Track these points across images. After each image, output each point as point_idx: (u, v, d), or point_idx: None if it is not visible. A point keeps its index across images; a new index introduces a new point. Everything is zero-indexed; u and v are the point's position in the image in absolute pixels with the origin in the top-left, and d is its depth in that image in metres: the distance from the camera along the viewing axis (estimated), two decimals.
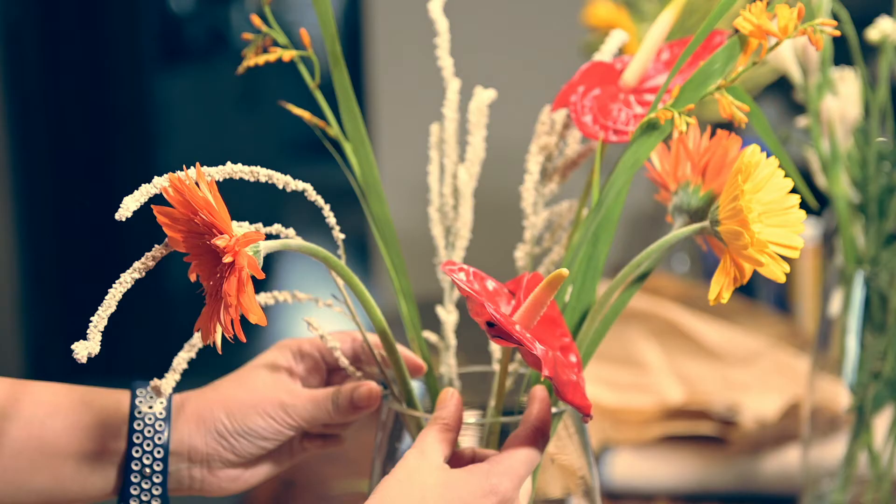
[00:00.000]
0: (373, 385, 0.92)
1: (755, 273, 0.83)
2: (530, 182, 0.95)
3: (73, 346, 0.76)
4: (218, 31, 5.81)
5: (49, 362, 4.09)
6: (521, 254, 0.96)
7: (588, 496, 0.91)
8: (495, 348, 0.96)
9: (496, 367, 0.95)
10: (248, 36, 0.94)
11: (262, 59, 0.94)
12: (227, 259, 0.74)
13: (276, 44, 0.94)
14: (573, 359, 0.83)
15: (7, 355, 4.06)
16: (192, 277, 0.80)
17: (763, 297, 1.81)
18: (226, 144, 5.14)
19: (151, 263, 0.80)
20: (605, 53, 0.98)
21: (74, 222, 4.28)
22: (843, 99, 1.15)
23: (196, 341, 0.92)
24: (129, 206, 0.76)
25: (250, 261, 0.75)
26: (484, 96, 0.96)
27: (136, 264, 0.80)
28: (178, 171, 0.77)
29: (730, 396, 1.57)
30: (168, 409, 0.91)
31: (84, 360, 0.77)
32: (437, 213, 0.96)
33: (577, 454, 0.91)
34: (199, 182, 0.76)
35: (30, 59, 4.20)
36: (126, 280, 0.79)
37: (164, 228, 0.78)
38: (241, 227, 0.79)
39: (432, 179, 0.96)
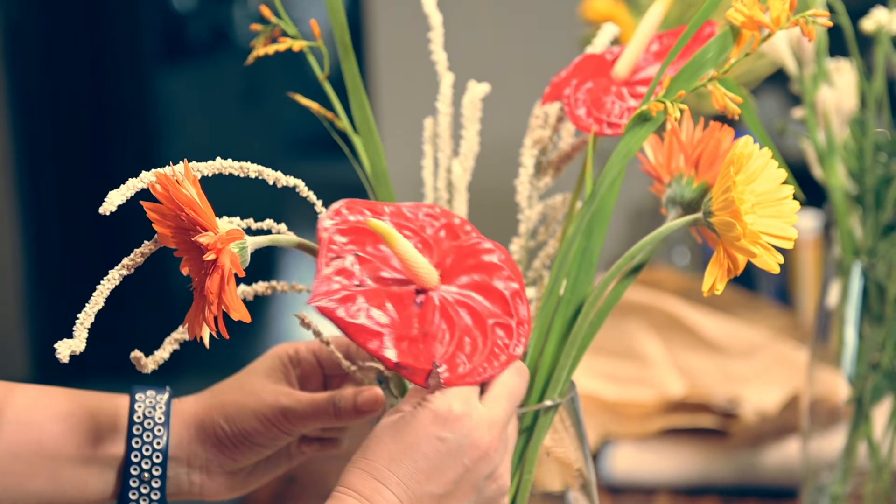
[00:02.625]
0: (377, 390, 0.91)
1: (755, 265, 0.83)
2: (525, 175, 0.95)
3: (55, 346, 0.76)
4: (220, 29, 5.81)
5: (54, 362, 4.09)
6: (515, 247, 0.96)
7: (585, 489, 0.91)
8: None
9: None
10: (256, 27, 0.94)
11: (271, 49, 0.94)
12: (209, 257, 0.74)
13: (285, 34, 0.93)
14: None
15: (12, 356, 4.06)
16: (185, 272, 0.80)
17: (764, 289, 1.81)
18: (230, 142, 5.14)
19: (140, 260, 0.80)
20: (597, 47, 0.98)
21: (78, 221, 4.28)
22: (840, 90, 1.15)
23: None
24: (113, 200, 0.76)
25: (233, 258, 0.76)
26: (477, 90, 0.96)
27: (125, 261, 0.80)
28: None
29: (730, 389, 1.57)
30: (167, 413, 0.91)
31: (66, 360, 0.77)
32: None
33: (574, 447, 0.90)
34: (184, 179, 0.76)
35: (32, 58, 4.20)
36: (114, 277, 0.79)
37: (153, 224, 0.78)
38: (230, 223, 0.79)
39: (427, 174, 0.96)
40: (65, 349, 0.77)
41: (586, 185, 0.88)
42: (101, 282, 0.78)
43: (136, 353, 0.88)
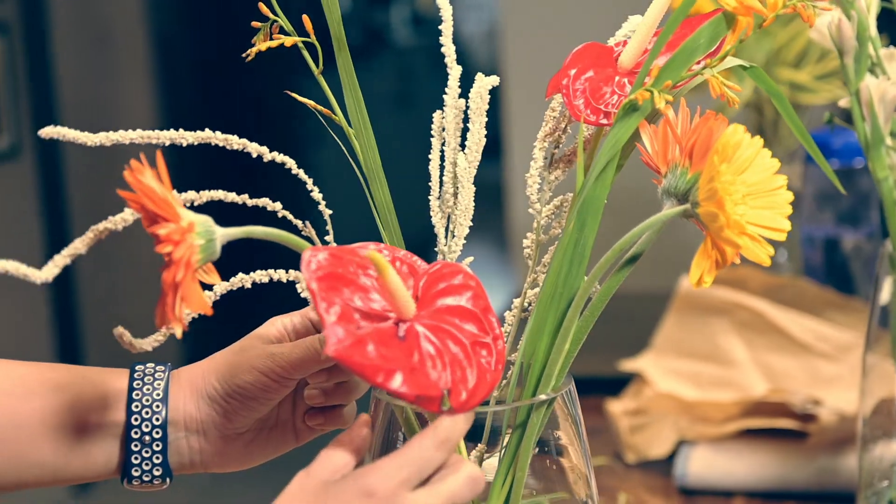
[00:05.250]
0: None
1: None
2: (534, 169, 0.94)
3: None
4: (376, 31, 5.87)
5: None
6: (527, 241, 0.95)
7: (583, 487, 0.90)
8: None
9: None
10: (257, 24, 0.96)
11: (275, 44, 0.96)
12: (165, 249, 0.75)
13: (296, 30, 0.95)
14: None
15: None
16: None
17: (861, 292, 1.74)
18: (382, 143, 5.19)
19: (120, 227, 0.83)
20: (616, 37, 0.96)
21: (226, 226, 4.36)
22: (891, 77, 1.09)
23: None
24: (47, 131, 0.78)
25: (192, 250, 0.76)
26: (485, 82, 0.95)
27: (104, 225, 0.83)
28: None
29: (815, 391, 1.52)
30: (166, 383, 0.94)
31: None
32: (437, 202, 0.95)
33: (570, 443, 0.89)
34: (145, 169, 0.76)
35: (180, 64, 4.30)
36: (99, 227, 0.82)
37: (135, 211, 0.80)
38: (197, 215, 0.80)
39: (433, 167, 0.95)
40: (24, 268, 0.78)
41: (577, 178, 0.87)
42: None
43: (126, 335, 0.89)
